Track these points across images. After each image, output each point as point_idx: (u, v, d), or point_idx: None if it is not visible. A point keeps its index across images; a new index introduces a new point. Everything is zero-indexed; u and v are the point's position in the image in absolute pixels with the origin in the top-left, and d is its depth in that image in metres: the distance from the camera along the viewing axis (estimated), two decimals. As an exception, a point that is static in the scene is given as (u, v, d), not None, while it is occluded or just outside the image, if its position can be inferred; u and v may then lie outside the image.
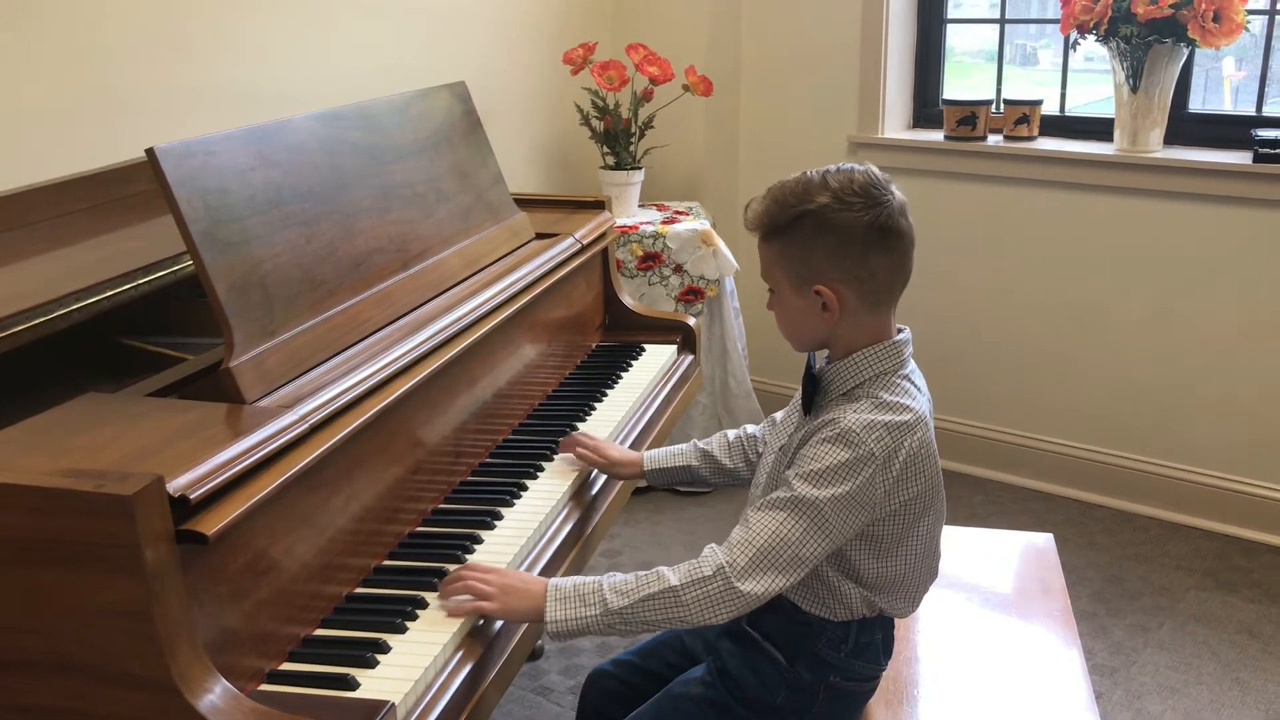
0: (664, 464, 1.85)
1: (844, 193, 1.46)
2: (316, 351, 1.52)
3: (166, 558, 1.11)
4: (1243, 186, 3.02)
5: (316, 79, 2.70)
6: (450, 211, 2.00)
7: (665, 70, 3.33)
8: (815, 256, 1.48)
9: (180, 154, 1.42)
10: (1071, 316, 3.38)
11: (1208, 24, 2.92)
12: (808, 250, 1.48)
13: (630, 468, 1.86)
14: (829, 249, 1.47)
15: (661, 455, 1.85)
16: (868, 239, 1.46)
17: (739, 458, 1.81)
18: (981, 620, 1.95)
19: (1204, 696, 2.53)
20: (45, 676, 1.15)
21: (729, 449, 1.82)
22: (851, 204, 1.45)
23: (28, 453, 1.21)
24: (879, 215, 1.46)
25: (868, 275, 1.48)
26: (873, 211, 1.46)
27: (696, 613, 1.44)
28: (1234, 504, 3.20)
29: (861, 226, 1.45)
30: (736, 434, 1.83)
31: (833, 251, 1.47)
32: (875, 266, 1.48)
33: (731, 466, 1.81)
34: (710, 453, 1.82)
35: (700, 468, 1.83)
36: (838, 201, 1.45)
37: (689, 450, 1.84)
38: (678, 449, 1.85)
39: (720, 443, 1.83)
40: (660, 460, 1.85)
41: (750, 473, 1.79)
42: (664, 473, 1.85)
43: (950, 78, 3.70)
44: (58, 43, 2.18)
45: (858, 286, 1.48)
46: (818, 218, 1.46)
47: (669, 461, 1.84)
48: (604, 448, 1.87)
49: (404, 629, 1.39)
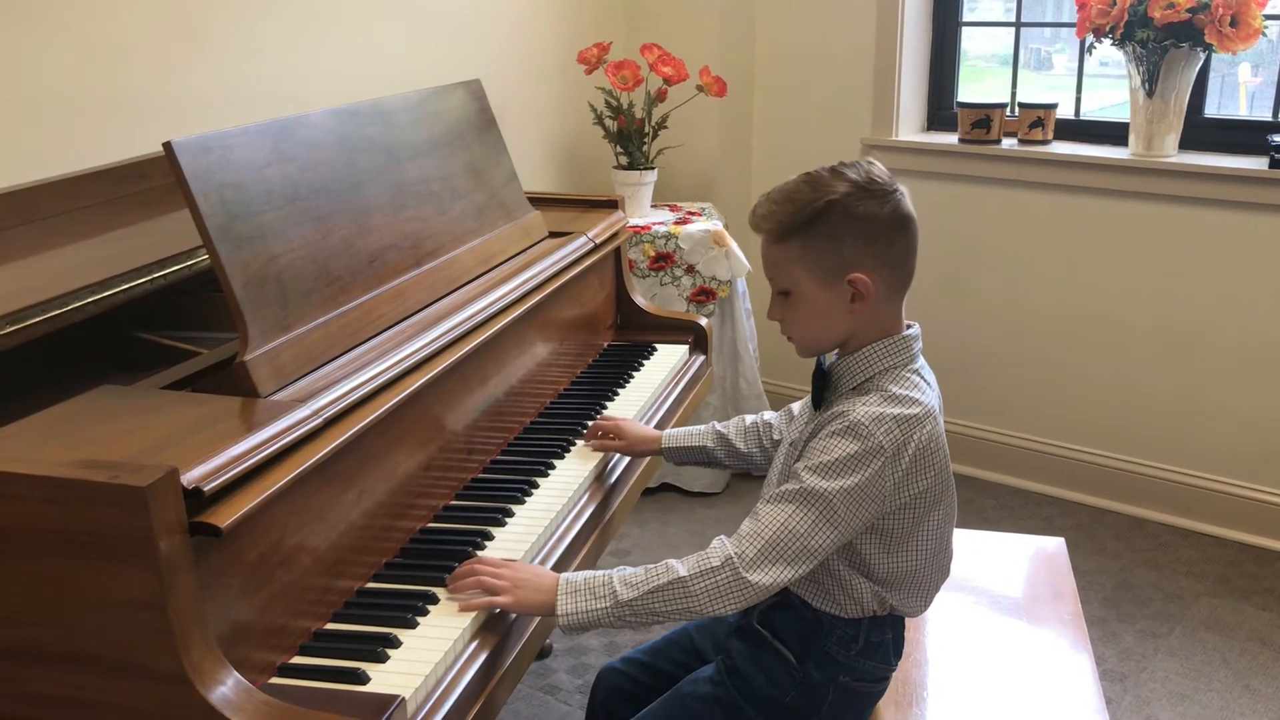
0: (682, 443, 1.89)
1: (864, 182, 1.48)
2: (330, 346, 1.53)
3: (180, 549, 1.12)
4: (1258, 192, 3.01)
5: (332, 77, 2.70)
6: (464, 209, 2.00)
7: (679, 70, 3.33)
8: (845, 246, 1.48)
9: (197, 148, 1.43)
10: (1084, 321, 3.37)
11: (1225, 29, 2.91)
12: (835, 241, 1.48)
13: (649, 444, 1.90)
14: (859, 237, 1.48)
15: (680, 434, 1.90)
16: (893, 225, 1.49)
17: (753, 443, 1.83)
18: (992, 624, 1.95)
19: (1214, 703, 2.52)
20: (58, 666, 1.16)
21: (744, 433, 1.84)
22: (875, 192, 1.47)
23: (43, 444, 1.22)
24: (900, 202, 1.49)
25: (896, 261, 1.50)
26: (892, 199, 1.49)
27: (705, 603, 1.44)
28: (1246, 511, 3.19)
29: (886, 213, 1.48)
30: (754, 419, 1.85)
31: (862, 239, 1.48)
32: (900, 252, 1.50)
33: (745, 451, 1.83)
34: (726, 436, 1.85)
35: (716, 449, 1.86)
36: (860, 190, 1.47)
37: (707, 432, 1.87)
38: (696, 429, 1.89)
39: (737, 426, 1.86)
40: (679, 439, 1.89)
41: (763, 458, 1.81)
42: (681, 451, 1.89)
43: (964, 82, 3.69)
44: (73, 38, 2.19)
45: (888, 273, 1.50)
46: (843, 208, 1.47)
47: (687, 441, 1.88)
48: (624, 427, 1.91)
49: (415, 624, 1.39)
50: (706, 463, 1.89)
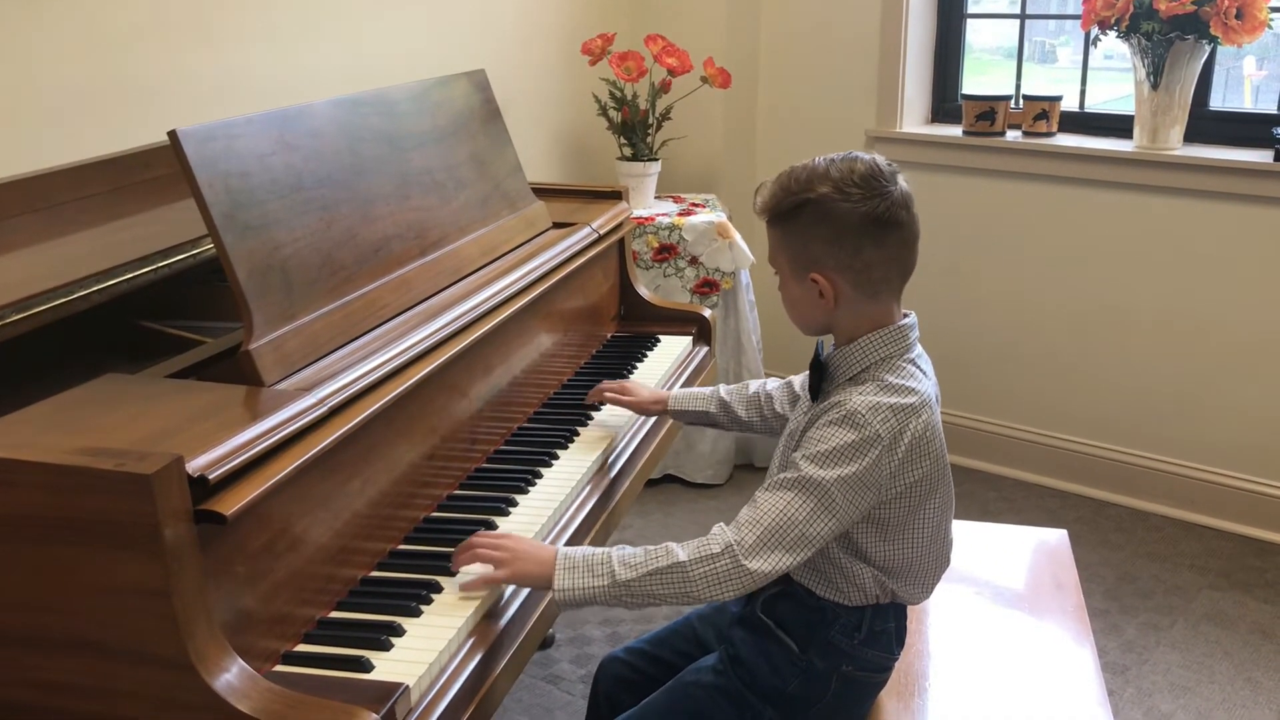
0: (686, 405, 1.95)
1: (844, 183, 1.47)
2: (335, 336, 1.53)
3: (185, 537, 1.12)
4: (1262, 185, 3.00)
5: (336, 67, 2.70)
6: (468, 199, 2.00)
7: (684, 61, 3.33)
8: (812, 245, 1.51)
9: (202, 137, 1.43)
10: (1088, 313, 3.37)
11: (1230, 21, 2.90)
12: (805, 239, 1.51)
13: (656, 404, 1.97)
14: (824, 239, 1.49)
15: (685, 396, 1.96)
16: (863, 230, 1.48)
17: (754, 412, 1.88)
18: (994, 615, 1.95)
19: (1216, 696, 2.52)
20: (63, 653, 1.16)
21: (746, 402, 1.90)
22: (850, 194, 1.47)
23: (48, 431, 1.22)
24: (876, 207, 1.47)
25: (862, 266, 1.50)
26: (870, 203, 1.47)
27: (704, 589, 1.44)
28: (1249, 504, 3.19)
29: (857, 218, 1.47)
30: (757, 387, 1.89)
31: (828, 241, 1.49)
32: (870, 258, 1.50)
33: (746, 419, 1.89)
34: (729, 404, 1.90)
35: (719, 415, 1.91)
36: (837, 192, 1.47)
37: (711, 396, 1.93)
38: (702, 392, 1.95)
39: (740, 393, 1.91)
40: (684, 401, 1.95)
41: (763, 426, 1.87)
42: (686, 413, 1.96)
43: (968, 74, 3.68)
44: (79, 27, 2.19)
45: (853, 276, 1.50)
46: (816, 207, 1.48)
47: (691, 404, 1.94)
48: (631, 388, 1.99)
49: (419, 613, 1.40)
50: (709, 425, 1.96)
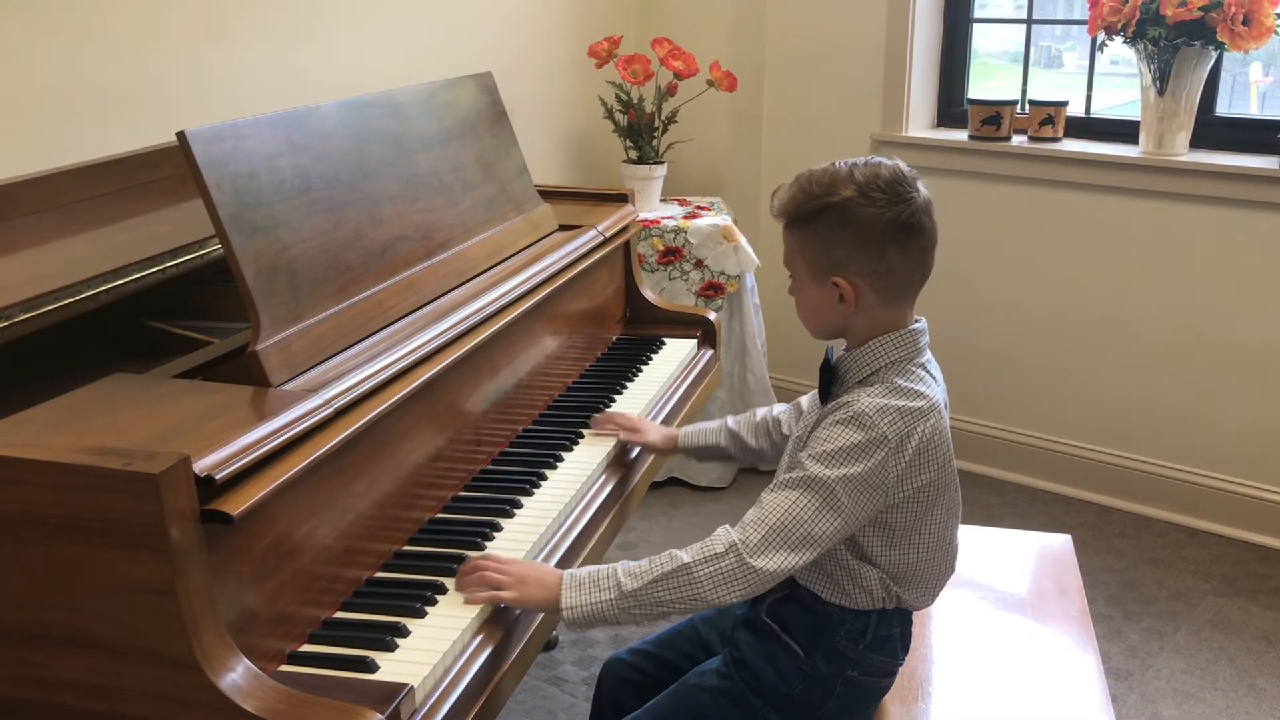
0: (696, 442, 1.94)
1: (869, 188, 1.47)
2: (341, 337, 1.53)
3: (191, 537, 1.12)
4: (1268, 191, 3.00)
5: (343, 69, 2.71)
6: (474, 201, 2.00)
7: (690, 65, 3.33)
8: (836, 249, 1.50)
9: (210, 138, 1.43)
10: (1093, 319, 3.36)
11: (1237, 27, 2.90)
12: (829, 242, 1.50)
13: (667, 444, 1.96)
14: (849, 243, 1.49)
15: (694, 433, 1.95)
16: (888, 235, 1.48)
17: (764, 439, 1.87)
18: (998, 620, 1.95)
19: (1219, 702, 2.52)
20: (69, 652, 1.17)
21: (754, 429, 1.89)
22: (875, 199, 1.47)
23: (55, 430, 1.22)
24: (901, 212, 1.47)
25: (885, 270, 1.50)
26: (895, 208, 1.47)
27: (709, 590, 1.44)
28: (1253, 510, 3.19)
29: (883, 223, 1.47)
30: (764, 414, 1.89)
31: (853, 245, 1.49)
32: (894, 262, 1.49)
33: (756, 447, 1.88)
34: (738, 434, 1.89)
35: (728, 446, 1.91)
36: (862, 196, 1.47)
37: (719, 428, 1.92)
38: (709, 427, 1.94)
39: (748, 422, 1.90)
40: (694, 438, 1.94)
41: (773, 453, 1.85)
42: (697, 449, 1.95)
43: (974, 79, 3.68)
44: (88, 28, 2.19)
45: (875, 281, 1.50)
46: (841, 211, 1.48)
47: (702, 439, 1.93)
48: (641, 427, 1.96)
49: (423, 614, 1.40)
50: (720, 458, 1.95)
